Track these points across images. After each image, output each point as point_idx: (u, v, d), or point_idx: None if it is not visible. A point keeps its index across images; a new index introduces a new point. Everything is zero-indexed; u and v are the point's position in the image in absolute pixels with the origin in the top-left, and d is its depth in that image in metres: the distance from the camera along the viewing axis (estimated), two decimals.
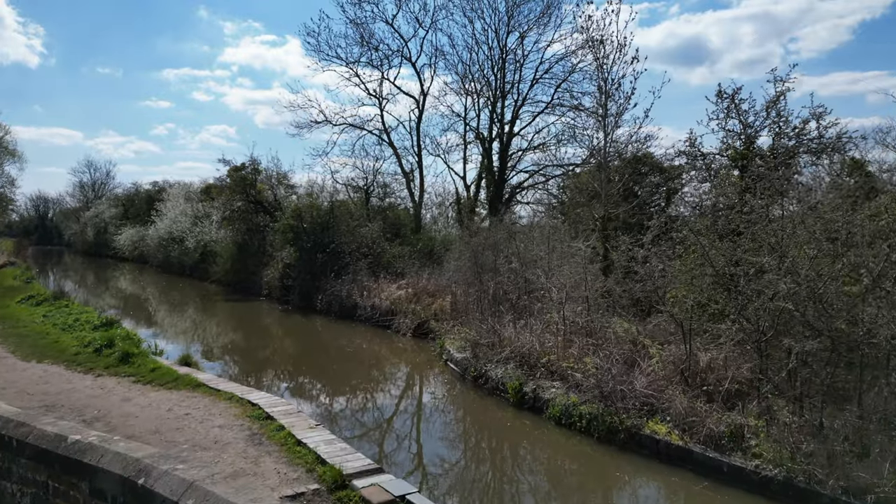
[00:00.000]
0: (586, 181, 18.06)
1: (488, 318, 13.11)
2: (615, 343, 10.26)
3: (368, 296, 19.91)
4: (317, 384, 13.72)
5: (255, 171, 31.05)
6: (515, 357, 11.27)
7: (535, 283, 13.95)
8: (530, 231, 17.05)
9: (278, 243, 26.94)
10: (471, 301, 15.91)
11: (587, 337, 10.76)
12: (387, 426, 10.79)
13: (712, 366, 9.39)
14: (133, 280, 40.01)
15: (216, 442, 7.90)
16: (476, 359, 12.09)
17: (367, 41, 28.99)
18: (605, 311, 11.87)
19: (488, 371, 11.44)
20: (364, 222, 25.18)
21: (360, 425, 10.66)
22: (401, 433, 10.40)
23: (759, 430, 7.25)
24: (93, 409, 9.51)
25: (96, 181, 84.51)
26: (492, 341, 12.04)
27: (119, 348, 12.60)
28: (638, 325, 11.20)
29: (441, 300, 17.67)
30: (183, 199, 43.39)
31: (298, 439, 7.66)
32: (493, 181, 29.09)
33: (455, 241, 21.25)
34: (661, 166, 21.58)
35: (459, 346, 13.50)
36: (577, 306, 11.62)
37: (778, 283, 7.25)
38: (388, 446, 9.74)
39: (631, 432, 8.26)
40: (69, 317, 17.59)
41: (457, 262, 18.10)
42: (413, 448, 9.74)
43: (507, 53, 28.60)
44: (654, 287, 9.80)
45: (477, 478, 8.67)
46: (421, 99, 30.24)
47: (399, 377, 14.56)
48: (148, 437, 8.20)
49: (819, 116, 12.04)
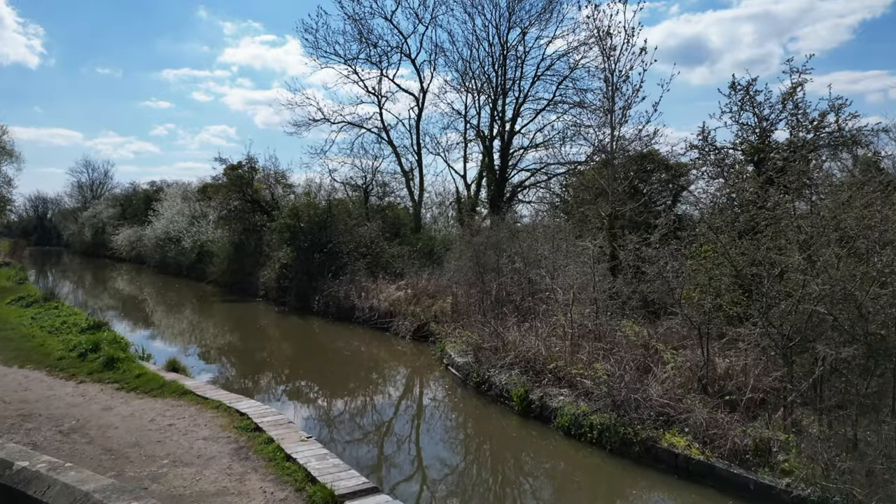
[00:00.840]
0: (592, 178, 17.48)
1: (491, 321, 12.53)
2: (626, 348, 9.67)
3: (367, 297, 19.32)
4: (312, 389, 13.14)
5: (252, 169, 30.48)
6: (520, 362, 10.68)
7: (540, 284, 13.38)
8: (534, 230, 16.45)
9: (275, 243, 26.37)
10: (472, 303, 15.33)
11: (596, 341, 10.16)
12: (384, 435, 10.20)
13: (730, 372, 8.82)
14: (129, 281, 39.44)
15: (199, 456, 7.33)
16: (478, 364, 11.50)
17: (366, 38, 28.46)
18: (615, 314, 11.30)
19: (491, 377, 10.85)
20: (363, 221, 24.61)
21: (355, 434, 10.07)
22: (399, 443, 9.80)
23: (790, 444, 6.65)
24: (71, 418, 8.93)
25: (94, 181, 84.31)
26: (495, 345, 11.45)
27: (104, 353, 12.04)
28: (649, 328, 10.62)
29: (441, 301, 17.08)
30: (180, 198, 42.85)
31: (288, 454, 7.08)
32: (494, 180, 28.63)
33: (455, 240, 20.68)
34: (666, 163, 21.07)
35: (461, 349, 12.90)
36: (585, 308, 11.03)
37: (809, 284, 6.68)
38: (386, 459, 9.15)
39: (646, 445, 7.66)
40: (57, 319, 17.04)
41: (457, 262, 17.51)
42: (412, 461, 9.15)
43: (508, 50, 28.10)
44: (669, 288, 9.20)
45: (481, 493, 8.08)
46: (420, 96, 29.75)
47: (398, 382, 13.98)
48: (127, 450, 7.63)
49: (839, 109, 11.47)
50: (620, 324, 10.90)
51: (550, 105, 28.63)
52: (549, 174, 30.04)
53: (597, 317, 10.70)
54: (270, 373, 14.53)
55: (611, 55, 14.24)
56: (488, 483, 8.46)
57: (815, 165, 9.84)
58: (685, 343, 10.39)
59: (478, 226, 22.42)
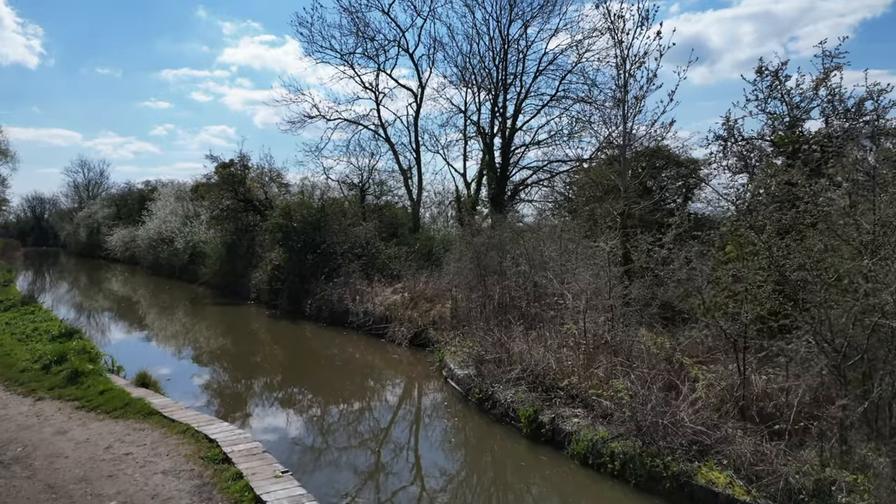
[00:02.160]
0: (603, 173, 16.37)
1: (494, 329, 11.43)
2: (647, 361, 8.56)
3: (361, 300, 18.21)
4: (296, 406, 12.02)
5: (245, 167, 29.35)
6: (528, 376, 9.57)
7: (547, 288, 12.27)
8: (538, 229, 15.35)
9: (267, 244, 25.29)
10: (473, 308, 14.24)
11: (613, 354, 9.06)
12: (375, 461, 9.09)
13: (768, 392, 7.72)
14: (122, 282, 38.37)
15: (154, 496, 6.21)
16: (481, 377, 10.38)
17: (362, 32, 27.42)
18: (630, 322, 10.20)
19: (496, 393, 9.73)
20: (358, 221, 23.52)
21: (342, 461, 8.96)
22: (391, 471, 8.68)
23: (859, 486, 5.54)
24: (18, 444, 7.83)
25: (90, 181, 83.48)
26: (499, 357, 10.34)
27: (70, 365, 10.95)
28: (669, 339, 9.52)
29: (440, 306, 15.97)
30: (174, 198, 41.73)
31: (258, 495, 5.98)
32: (495, 178, 27.64)
33: (455, 241, 19.58)
34: (677, 159, 19.99)
35: (461, 360, 11.79)
36: (599, 316, 9.92)
37: (879, 294, 5.61)
38: (377, 489, 8.05)
39: (679, 480, 6.54)
40: (30, 325, 15.98)
41: (457, 263, 16.43)
42: (406, 493, 8.04)
43: (509, 44, 27.06)
44: (693, 293, 8.10)
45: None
46: (419, 92, 28.72)
47: (392, 397, 12.85)
48: (71, 487, 6.52)
49: (879, 95, 10.36)
50: (638, 333, 9.81)
51: (553, 101, 27.67)
52: (552, 172, 29.03)
53: (613, 325, 9.59)
54: (252, 386, 13.41)
55: (622, 40, 13.15)
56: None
57: (858, 157, 8.73)
58: (712, 356, 9.31)
59: (478, 225, 21.37)
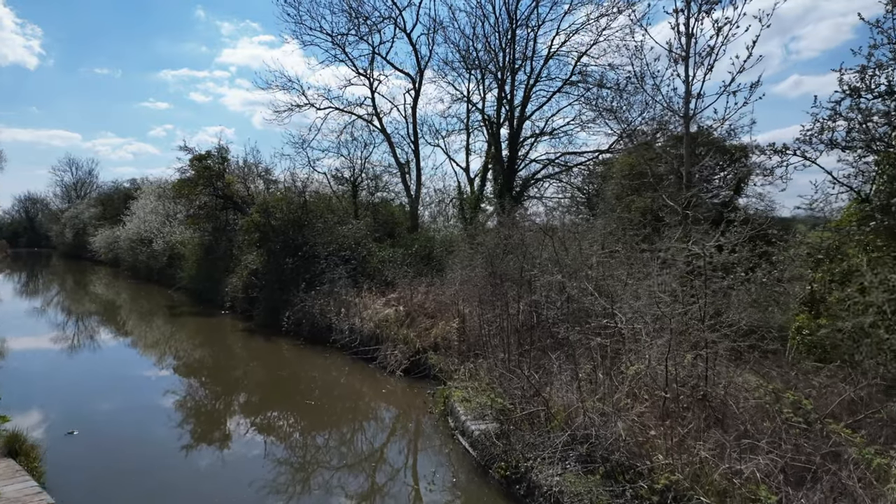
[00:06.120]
0: (650, 156, 13.21)
1: (521, 364, 8.25)
2: (779, 430, 5.38)
3: (347, 314, 15.00)
4: (236, 479, 8.81)
5: (223, 160, 26.16)
6: (580, 445, 6.38)
7: (589, 305, 9.04)
8: (576, 226, 12.19)
9: (245, 245, 22.16)
10: (488, 329, 11.03)
11: (716, 418, 5.87)
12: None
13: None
14: (105, 286, 35.16)
15: None
16: (507, 440, 7.15)
17: (356, 10, 24.42)
18: (722, 360, 7.02)
19: (532, 470, 6.54)
20: (347, 219, 20.36)
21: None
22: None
23: None
24: None
25: (79, 180, 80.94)
26: (533, 411, 7.15)
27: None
28: (791, 390, 6.34)
29: (444, 324, 12.75)
30: (154, 196, 38.63)
31: None
32: (502, 171, 24.63)
33: (459, 241, 16.42)
34: (722, 145, 16.98)
35: (476, 408, 8.54)
36: (684, 352, 6.72)
37: None
38: None
39: None
40: None
41: (464, 270, 13.27)
42: None
43: (517, 24, 24.03)
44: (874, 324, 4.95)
45: None
46: (417, 78, 25.69)
47: (375, 460, 9.60)
48: None
49: None
50: (740, 376, 6.64)
51: (568, 84, 24.62)
52: (566, 164, 25.96)
53: (706, 368, 6.40)
54: (198, 432, 10.22)
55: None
56: None
57: None
58: (853, 411, 6.15)
59: (482, 223, 18.35)
